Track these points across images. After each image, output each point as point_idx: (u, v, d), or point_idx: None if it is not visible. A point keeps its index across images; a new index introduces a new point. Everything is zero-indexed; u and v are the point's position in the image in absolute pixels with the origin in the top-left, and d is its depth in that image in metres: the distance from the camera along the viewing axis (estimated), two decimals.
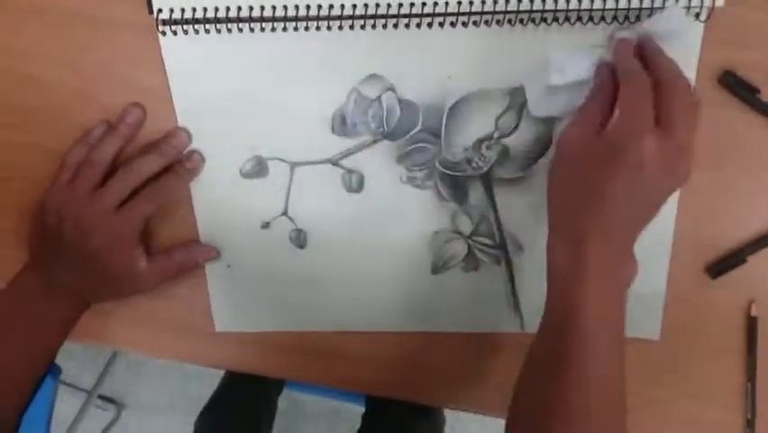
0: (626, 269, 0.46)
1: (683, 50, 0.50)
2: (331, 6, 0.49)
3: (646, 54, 0.46)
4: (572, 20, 0.48)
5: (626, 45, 0.47)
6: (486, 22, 0.49)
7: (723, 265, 0.55)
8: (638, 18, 0.48)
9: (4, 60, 0.55)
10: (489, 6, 0.48)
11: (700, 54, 0.50)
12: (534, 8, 0.48)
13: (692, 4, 0.47)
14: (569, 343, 0.43)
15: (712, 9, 0.48)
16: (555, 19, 0.48)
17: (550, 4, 0.48)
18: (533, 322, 0.58)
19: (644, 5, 0.47)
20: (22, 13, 0.53)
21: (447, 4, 0.48)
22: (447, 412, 1.03)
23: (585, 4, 0.48)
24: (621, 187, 0.43)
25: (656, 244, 0.55)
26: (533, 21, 0.49)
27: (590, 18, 0.48)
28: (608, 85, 0.46)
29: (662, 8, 0.47)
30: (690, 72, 0.50)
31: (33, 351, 0.55)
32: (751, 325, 0.56)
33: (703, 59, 0.50)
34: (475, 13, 0.49)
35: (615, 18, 0.48)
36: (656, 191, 0.45)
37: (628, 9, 0.48)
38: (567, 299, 0.44)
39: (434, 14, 0.49)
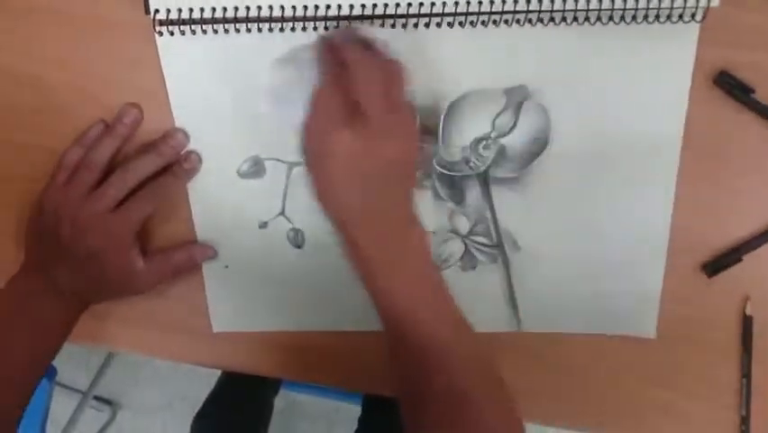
0: (410, 241, 0.46)
1: (679, 51, 0.50)
2: (328, 6, 0.49)
3: (334, 43, 0.45)
4: (569, 20, 0.48)
5: (322, 46, 0.47)
6: (483, 22, 0.49)
7: (719, 264, 0.55)
8: (634, 18, 0.48)
9: (3, 61, 0.55)
10: (485, 7, 0.48)
11: (696, 54, 0.50)
12: (531, 8, 0.48)
13: (688, 5, 0.47)
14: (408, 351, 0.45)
15: (707, 9, 0.48)
16: (552, 19, 0.49)
17: (546, 5, 0.48)
18: (530, 321, 0.58)
19: (640, 6, 0.48)
20: (19, 13, 0.53)
21: (444, 4, 0.49)
22: None
23: (581, 5, 0.48)
24: (339, 185, 0.43)
25: (652, 243, 0.55)
26: (529, 21, 0.49)
27: (587, 18, 0.48)
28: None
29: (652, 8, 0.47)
30: (685, 72, 0.50)
31: (33, 351, 0.55)
32: (746, 323, 0.56)
33: (699, 60, 0.50)
34: (472, 14, 0.49)
35: (611, 18, 0.48)
36: (378, 169, 0.43)
37: (624, 9, 0.48)
38: (382, 310, 0.46)
39: (430, 15, 0.49)
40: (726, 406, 0.58)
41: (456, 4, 0.48)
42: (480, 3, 0.48)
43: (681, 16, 0.48)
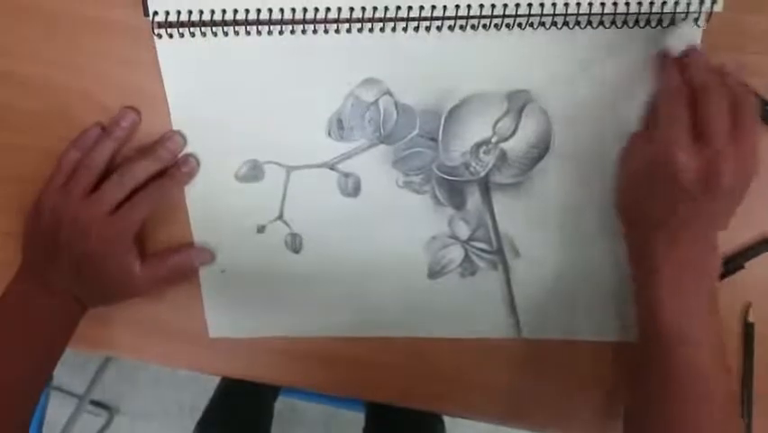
0: (706, 268, 0.47)
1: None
2: (327, 10, 0.49)
3: (685, 62, 0.47)
4: (571, 24, 0.48)
5: (663, 59, 0.48)
6: (484, 26, 0.49)
7: (721, 271, 0.55)
8: (637, 23, 0.48)
9: (3, 63, 0.54)
10: (486, 10, 0.48)
11: None
12: (533, 12, 0.48)
13: (691, 9, 0.47)
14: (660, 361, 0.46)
15: (710, 14, 0.47)
16: (554, 23, 0.48)
17: (548, 8, 0.48)
18: (531, 328, 0.58)
19: (642, 10, 0.47)
20: (17, 14, 0.53)
21: (445, 7, 0.48)
22: (446, 419, 1.03)
23: (584, 9, 0.47)
24: (663, 210, 0.45)
25: None
26: (531, 25, 0.49)
27: (589, 22, 0.48)
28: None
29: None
30: None
31: (36, 356, 0.54)
32: (747, 330, 0.56)
33: None
34: (473, 17, 0.48)
35: (613, 23, 0.48)
36: (707, 201, 0.44)
37: (627, 13, 0.48)
38: (652, 324, 0.47)
39: (431, 18, 0.49)
40: None
41: (457, 7, 0.48)
42: (482, 6, 0.48)
43: (684, 21, 0.48)
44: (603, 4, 0.47)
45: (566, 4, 0.48)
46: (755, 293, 0.56)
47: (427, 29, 0.49)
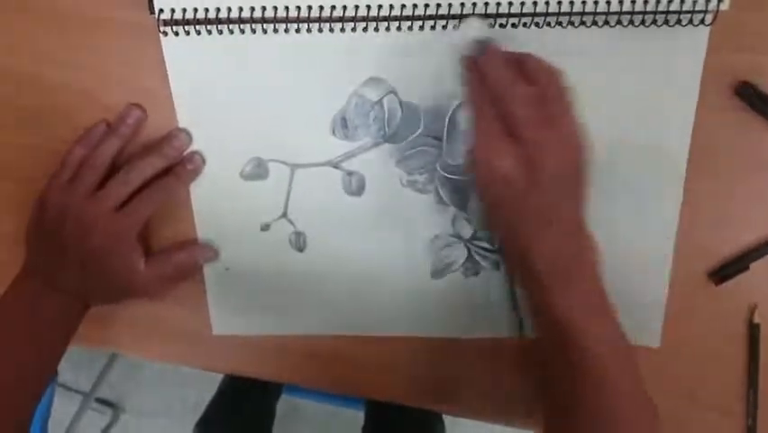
0: (583, 254, 0.45)
1: (688, 56, 0.49)
2: (333, 8, 0.49)
3: (479, 62, 0.45)
4: (577, 23, 0.48)
5: (464, 62, 0.46)
6: (488, 25, 0.49)
7: (725, 272, 0.54)
8: (642, 22, 0.48)
9: (5, 61, 0.54)
10: (492, 9, 0.48)
11: (707, 59, 0.50)
12: (538, 11, 0.48)
13: (697, 8, 0.47)
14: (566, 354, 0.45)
15: (717, 13, 0.47)
16: (560, 22, 0.48)
17: (554, 7, 0.48)
18: (532, 327, 0.58)
19: (648, 9, 0.47)
20: (22, 13, 0.53)
21: (450, 5, 0.48)
22: (446, 419, 1.03)
23: (589, 7, 0.47)
24: (505, 207, 0.44)
25: (658, 252, 0.55)
26: (536, 24, 0.48)
27: (594, 21, 0.48)
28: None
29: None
30: (695, 78, 0.50)
31: (39, 354, 0.54)
32: (753, 331, 0.56)
33: (710, 65, 0.50)
34: (477, 16, 0.48)
35: (619, 22, 0.48)
36: (543, 185, 0.42)
37: (632, 12, 0.47)
38: (547, 322, 0.45)
39: (436, 17, 0.49)
40: (733, 415, 0.58)
41: (462, 5, 0.48)
42: (487, 5, 0.48)
43: (690, 20, 0.48)
44: (609, 3, 0.47)
45: (571, 3, 0.47)
46: (760, 294, 0.55)
47: (432, 27, 0.49)
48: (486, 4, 0.48)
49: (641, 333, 0.57)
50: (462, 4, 0.48)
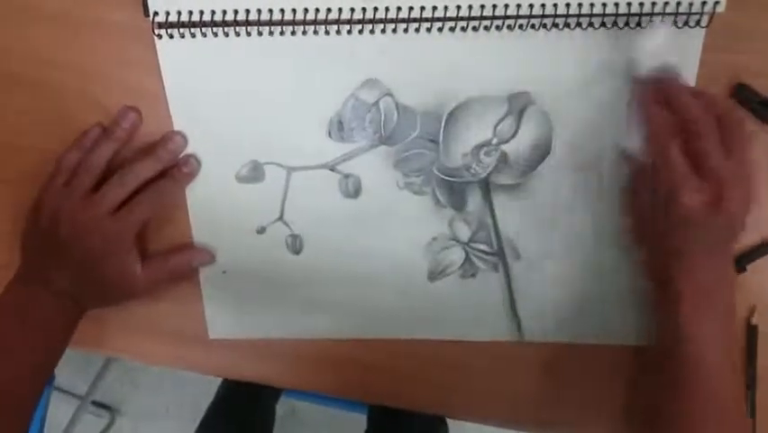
0: (725, 289, 0.48)
1: (684, 57, 0.49)
2: (328, 10, 0.49)
3: (667, 93, 0.47)
4: (572, 25, 0.48)
5: (643, 92, 0.49)
6: (485, 27, 0.49)
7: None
8: (639, 24, 0.48)
9: (1, 63, 0.54)
10: (488, 11, 0.48)
11: (703, 61, 0.49)
12: (534, 13, 0.48)
13: (693, 10, 0.47)
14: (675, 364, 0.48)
15: (713, 14, 0.47)
16: (555, 24, 0.48)
17: (549, 9, 0.47)
18: (531, 330, 0.58)
19: (645, 11, 0.47)
20: (18, 15, 0.53)
21: (446, 8, 0.48)
22: (451, 423, 1.02)
23: (585, 9, 0.47)
24: (681, 242, 0.47)
25: None
26: (532, 26, 0.48)
27: (590, 23, 0.48)
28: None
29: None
30: (691, 79, 0.50)
31: (35, 359, 0.54)
32: (751, 333, 0.56)
33: (706, 66, 0.50)
34: (474, 18, 0.48)
35: (615, 23, 0.48)
36: (719, 228, 0.46)
37: (629, 14, 0.47)
38: (675, 342, 0.48)
39: (432, 19, 0.49)
40: None
41: (458, 8, 0.48)
42: (483, 7, 0.48)
43: (686, 22, 0.48)
44: (605, 5, 0.47)
45: (567, 5, 0.47)
46: (758, 296, 0.55)
47: (428, 30, 0.49)
48: (482, 6, 0.48)
49: (638, 334, 0.57)
50: (458, 7, 0.48)
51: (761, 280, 0.55)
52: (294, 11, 0.49)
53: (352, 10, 0.48)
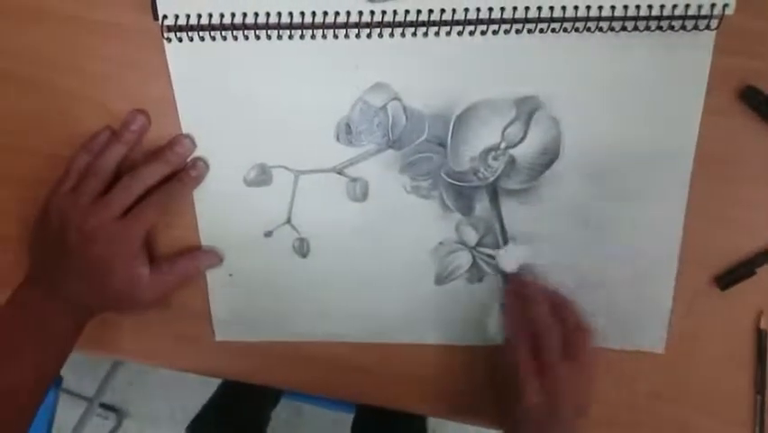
0: None
1: (693, 60, 0.49)
2: (337, 14, 0.49)
3: (525, 297, 0.54)
4: (581, 29, 0.48)
5: (509, 294, 0.56)
6: (493, 31, 0.49)
7: (732, 277, 0.54)
8: (647, 27, 0.48)
9: (9, 66, 0.55)
10: (496, 15, 0.48)
11: (713, 64, 0.49)
12: (542, 16, 0.48)
13: (702, 13, 0.47)
14: None
15: (722, 18, 0.47)
16: (564, 28, 0.48)
17: (558, 13, 0.47)
18: None
19: (654, 14, 0.47)
20: (26, 17, 0.53)
21: (454, 11, 0.48)
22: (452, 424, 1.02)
23: (594, 13, 0.47)
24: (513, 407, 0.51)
25: (663, 257, 0.55)
26: (541, 30, 0.48)
27: (599, 27, 0.48)
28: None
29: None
30: (700, 83, 0.50)
31: (40, 362, 0.54)
32: (760, 337, 0.55)
33: (715, 69, 0.50)
34: (482, 22, 0.48)
35: (624, 27, 0.48)
36: (549, 422, 0.51)
37: (638, 17, 0.47)
38: None
39: (440, 23, 0.49)
40: (740, 422, 0.57)
41: (466, 11, 0.48)
42: (491, 10, 0.48)
43: (695, 25, 0.47)
44: (613, 8, 0.47)
45: (576, 8, 0.47)
46: (767, 300, 0.55)
47: (436, 34, 0.49)
48: (490, 10, 0.48)
49: (645, 338, 0.56)
50: (466, 10, 0.48)
51: None
52: (302, 14, 0.49)
53: (361, 14, 0.49)
